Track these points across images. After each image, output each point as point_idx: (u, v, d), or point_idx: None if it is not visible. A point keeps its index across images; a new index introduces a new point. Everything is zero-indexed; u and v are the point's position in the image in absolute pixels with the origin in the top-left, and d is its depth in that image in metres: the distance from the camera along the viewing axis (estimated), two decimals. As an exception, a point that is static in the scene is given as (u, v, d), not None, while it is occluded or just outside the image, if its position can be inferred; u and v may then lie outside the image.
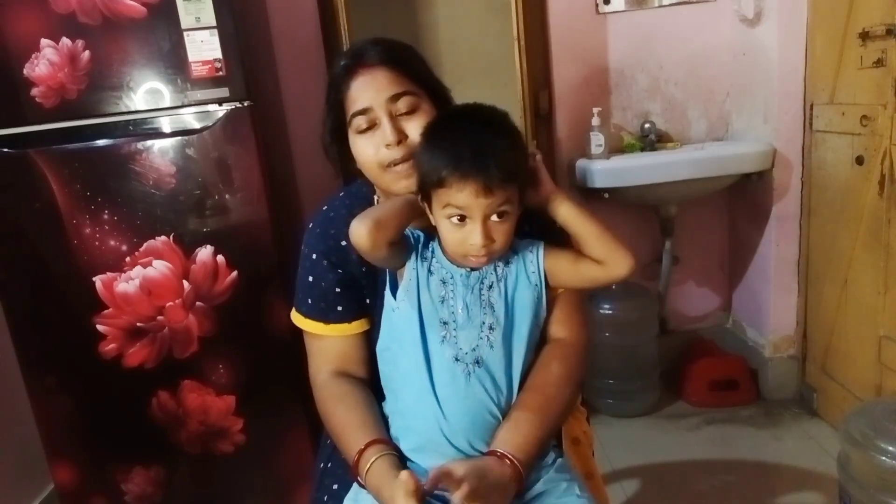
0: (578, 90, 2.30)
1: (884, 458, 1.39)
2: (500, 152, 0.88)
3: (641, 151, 2.26)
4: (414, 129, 0.97)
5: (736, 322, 2.53)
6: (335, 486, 1.04)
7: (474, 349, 0.94)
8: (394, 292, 0.98)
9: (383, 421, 1.01)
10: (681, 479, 1.96)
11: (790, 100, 2.08)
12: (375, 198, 1.09)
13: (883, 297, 1.79)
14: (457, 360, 0.94)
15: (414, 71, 1.00)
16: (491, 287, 0.96)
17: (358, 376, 1.06)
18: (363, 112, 0.97)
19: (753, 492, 1.87)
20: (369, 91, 0.97)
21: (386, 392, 1.04)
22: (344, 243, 1.04)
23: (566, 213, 0.95)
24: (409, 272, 0.96)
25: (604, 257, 0.95)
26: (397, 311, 0.97)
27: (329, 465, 1.10)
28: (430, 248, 0.97)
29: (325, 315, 1.05)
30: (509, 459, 0.90)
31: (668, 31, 2.28)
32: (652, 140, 2.27)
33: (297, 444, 1.80)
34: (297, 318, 1.10)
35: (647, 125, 2.28)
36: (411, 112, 0.98)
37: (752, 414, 2.24)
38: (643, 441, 2.16)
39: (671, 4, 2.26)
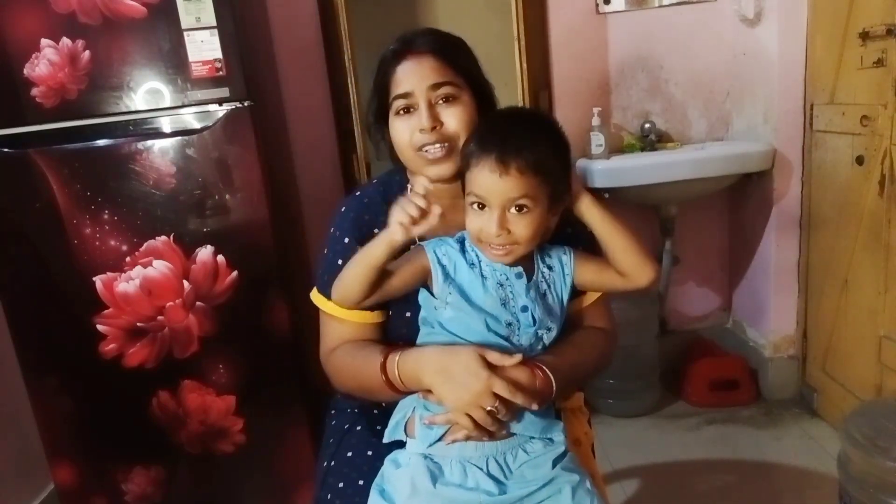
0: (578, 90, 2.30)
1: (884, 458, 1.39)
2: (529, 143, 0.89)
3: (641, 151, 2.26)
4: (450, 117, 1.00)
5: (736, 322, 2.52)
6: (341, 485, 1.04)
7: (530, 345, 0.97)
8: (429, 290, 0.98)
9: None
10: (681, 479, 1.96)
11: (790, 100, 2.08)
12: (409, 186, 1.10)
13: (883, 297, 1.79)
14: None
15: (459, 63, 1.02)
16: (544, 295, 0.98)
17: None
18: (404, 96, 1.01)
19: (753, 492, 1.87)
20: (413, 77, 1.00)
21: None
22: (377, 231, 1.04)
23: (592, 216, 0.97)
24: (458, 276, 0.95)
25: (628, 270, 0.97)
26: (453, 316, 0.96)
27: (333, 463, 1.10)
28: (474, 251, 0.97)
29: None
30: (541, 371, 0.93)
31: (668, 31, 2.28)
32: (652, 140, 2.27)
33: (297, 444, 1.80)
34: (318, 299, 1.09)
35: (647, 125, 2.28)
36: (450, 101, 1.01)
37: (752, 414, 2.24)
38: (643, 441, 2.16)
39: (671, 4, 2.26)
